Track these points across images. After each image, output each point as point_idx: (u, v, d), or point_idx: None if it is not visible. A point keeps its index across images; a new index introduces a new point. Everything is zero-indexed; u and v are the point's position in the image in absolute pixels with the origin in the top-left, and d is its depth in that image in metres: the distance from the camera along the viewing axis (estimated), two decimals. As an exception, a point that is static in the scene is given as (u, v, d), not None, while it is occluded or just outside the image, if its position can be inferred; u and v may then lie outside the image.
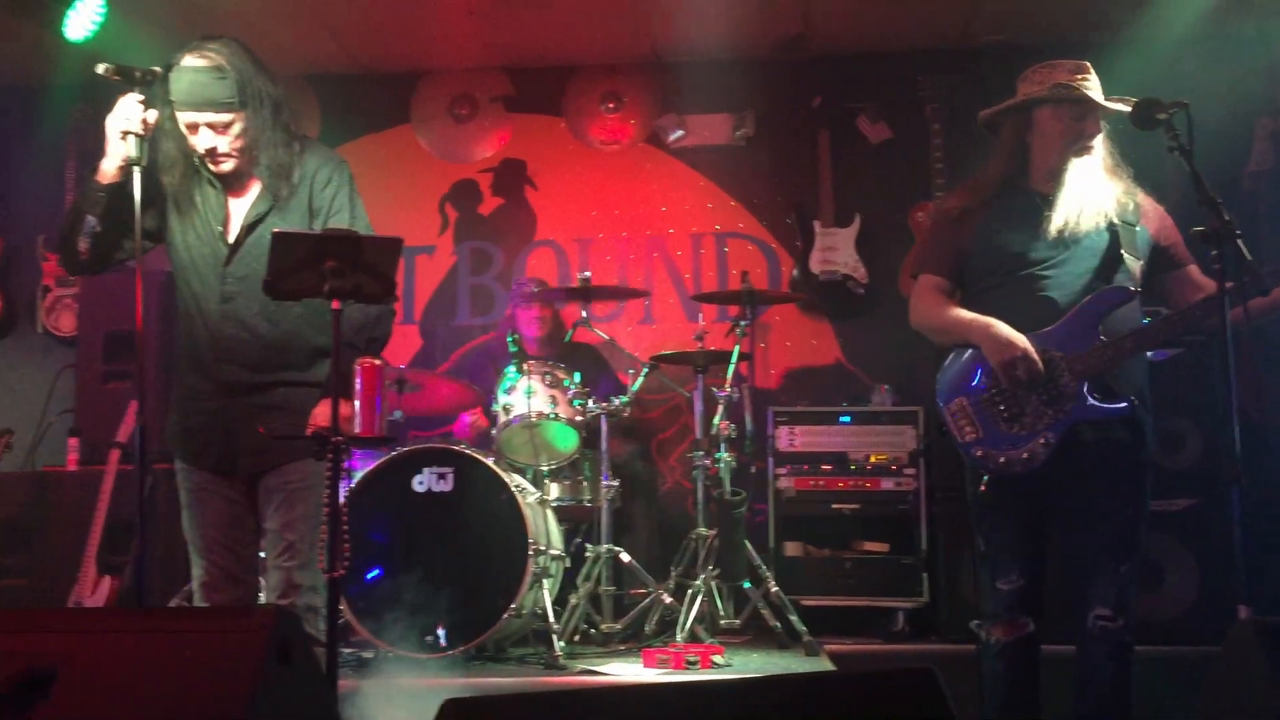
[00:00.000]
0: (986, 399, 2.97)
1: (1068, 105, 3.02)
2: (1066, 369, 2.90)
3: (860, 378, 5.77)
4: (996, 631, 3.01)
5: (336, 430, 2.62)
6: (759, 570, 4.57)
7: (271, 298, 2.70)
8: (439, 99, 6.22)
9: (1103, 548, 2.94)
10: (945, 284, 3.14)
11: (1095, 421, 2.91)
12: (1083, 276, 2.99)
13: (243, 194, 2.96)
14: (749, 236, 6.07)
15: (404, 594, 4.03)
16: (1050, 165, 3.04)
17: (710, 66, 5.97)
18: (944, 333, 3.10)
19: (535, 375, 4.56)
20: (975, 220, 3.09)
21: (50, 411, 5.59)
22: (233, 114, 2.80)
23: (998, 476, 2.96)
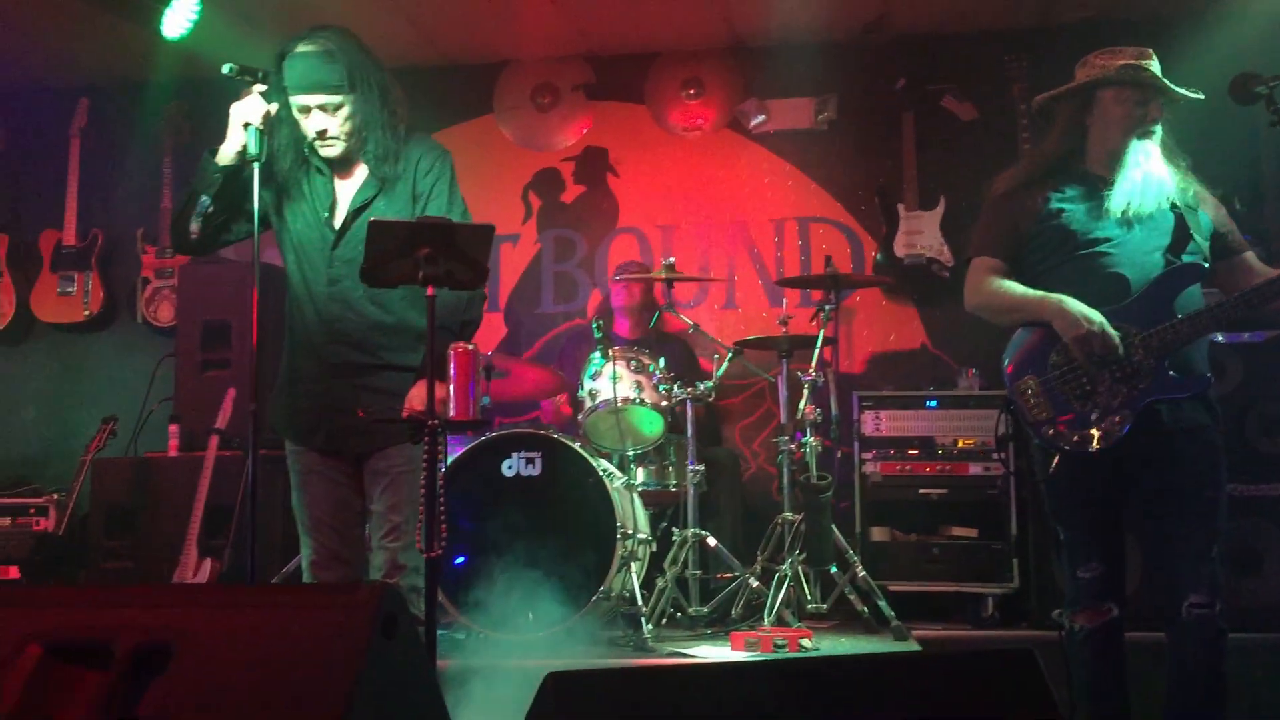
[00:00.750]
0: (1058, 377, 2.91)
1: (1131, 89, 2.97)
2: (1141, 345, 2.84)
3: (946, 362, 5.71)
4: (1080, 619, 2.96)
5: (432, 413, 2.68)
6: (845, 555, 4.56)
7: (369, 285, 2.77)
8: (521, 88, 6.28)
9: (1189, 532, 2.86)
10: (1002, 266, 3.08)
11: (1170, 400, 2.85)
12: (1154, 252, 2.93)
13: (349, 180, 3.04)
14: (832, 221, 6.04)
15: (495, 577, 4.10)
16: (1110, 148, 3.00)
17: (791, 50, 5.94)
18: (1011, 311, 3.04)
19: (621, 361, 4.59)
20: (1032, 200, 3.04)
21: (151, 399, 5.76)
22: (342, 97, 2.89)
23: (1070, 457, 2.91)
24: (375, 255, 2.72)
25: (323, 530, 3.00)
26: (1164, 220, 2.95)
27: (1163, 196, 2.96)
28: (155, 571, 4.90)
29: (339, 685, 1.80)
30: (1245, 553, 4.33)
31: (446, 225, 2.76)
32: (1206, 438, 2.90)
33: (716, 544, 4.59)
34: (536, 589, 4.10)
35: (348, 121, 2.93)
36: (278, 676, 1.89)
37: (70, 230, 6.18)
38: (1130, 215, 2.94)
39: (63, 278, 6.17)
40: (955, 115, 5.90)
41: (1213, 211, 3.05)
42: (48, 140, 6.35)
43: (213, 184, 2.91)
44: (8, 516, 5.31)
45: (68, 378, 6.33)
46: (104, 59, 6.06)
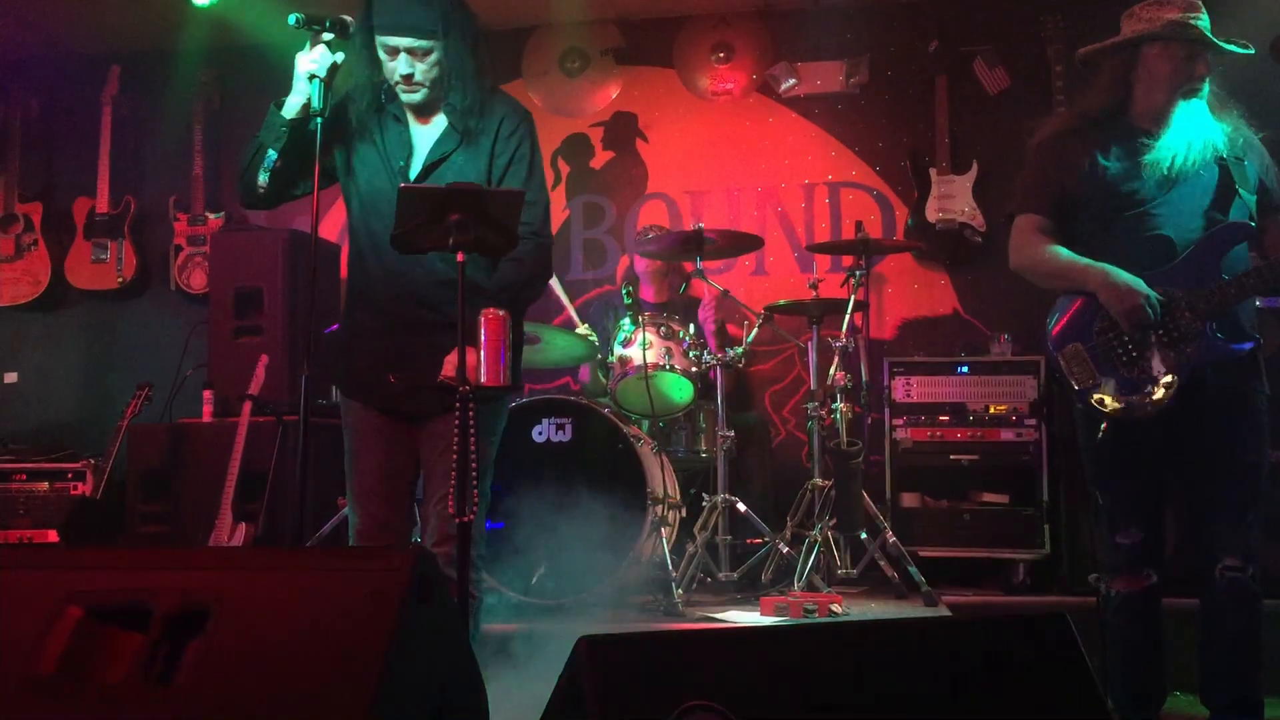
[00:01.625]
0: (1104, 343, 2.88)
1: (1179, 44, 2.90)
2: (1188, 308, 2.80)
3: (978, 327, 5.67)
4: (1117, 584, 2.95)
5: (464, 379, 2.68)
6: (876, 521, 4.56)
7: (400, 251, 2.75)
8: (550, 53, 6.25)
9: (1229, 496, 2.85)
10: (1047, 223, 3.03)
11: (1218, 363, 2.81)
12: (1197, 213, 2.89)
13: (428, 128, 2.96)
14: (863, 185, 5.99)
15: (525, 542, 4.12)
16: (1156, 105, 2.94)
17: (822, 13, 5.89)
18: (1055, 277, 3.01)
19: (650, 327, 4.58)
20: (1076, 155, 2.98)
21: (185, 366, 5.81)
22: (432, 41, 2.81)
23: (1118, 423, 2.88)
24: (406, 222, 2.71)
25: (373, 500, 2.96)
26: (1209, 176, 2.90)
27: (1208, 150, 2.90)
28: (190, 535, 4.96)
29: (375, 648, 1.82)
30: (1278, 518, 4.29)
31: (477, 191, 2.73)
32: (1253, 402, 2.87)
33: (746, 509, 4.59)
34: (567, 554, 4.12)
35: (434, 68, 2.84)
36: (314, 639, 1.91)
37: (103, 198, 6.23)
38: (1175, 174, 2.88)
39: (96, 245, 6.23)
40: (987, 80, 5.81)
41: (1259, 162, 2.98)
42: (80, 108, 6.39)
43: (279, 137, 2.85)
44: (45, 481, 5.38)
45: (102, 344, 6.41)
46: (135, 27, 6.08)
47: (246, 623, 1.96)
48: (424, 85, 2.86)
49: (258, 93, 2.89)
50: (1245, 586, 2.81)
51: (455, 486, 2.65)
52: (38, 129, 6.51)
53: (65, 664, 1.80)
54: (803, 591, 4.18)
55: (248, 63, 5.96)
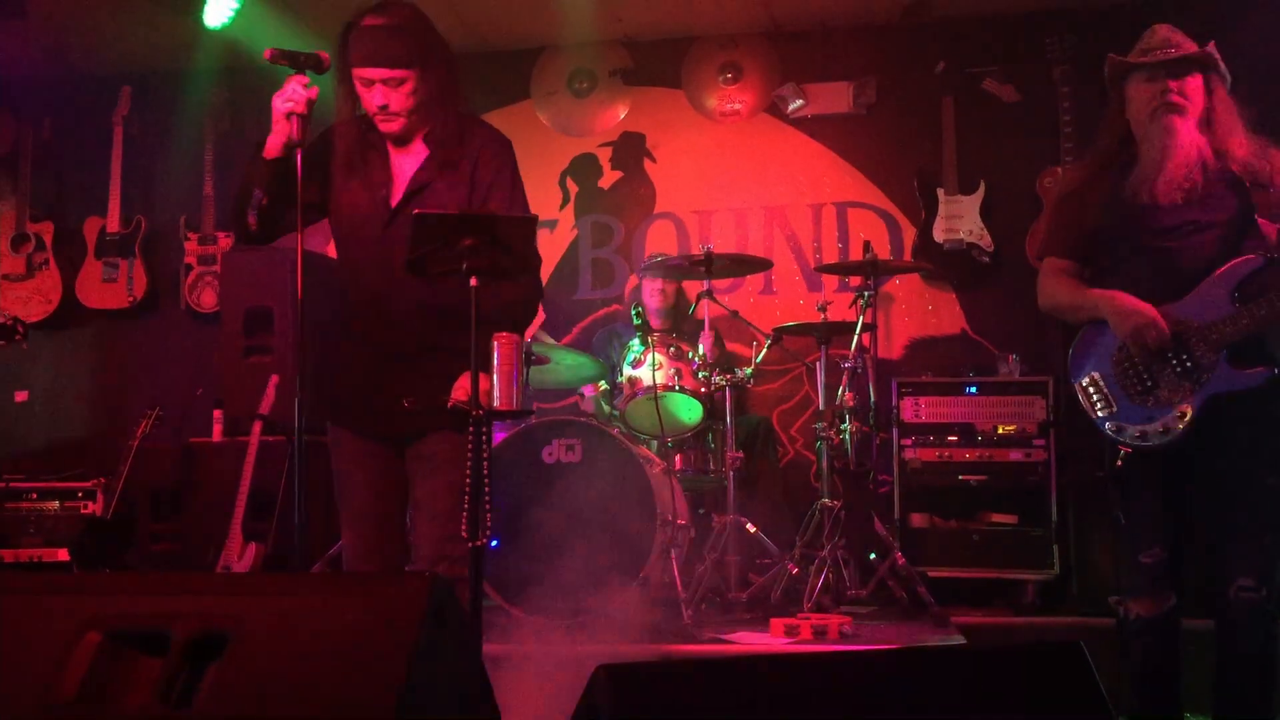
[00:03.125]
0: (1120, 373, 2.91)
1: (1139, 72, 2.97)
2: (1201, 339, 2.83)
3: (986, 347, 5.68)
4: (1137, 607, 2.95)
5: (477, 403, 2.70)
6: (885, 541, 4.56)
7: (415, 275, 2.76)
8: (558, 73, 6.29)
9: (1246, 519, 2.86)
10: (1072, 265, 3.10)
11: (1234, 392, 2.83)
12: (1212, 245, 2.90)
13: (408, 158, 2.98)
14: (870, 206, 6.01)
15: (535, 563, 4.13)
16: (1140, 133, 2.99)
17: (829, 34, 5.92)
18: (1073, 311, 3.08)
19: (659, 348, 4.60)
20: (1097, 196, 3.05)
21: (195, 385, 5.83)
22: (407, 71, 2.83)
23: (1135, 451, 2.90)
24: (419, 247, 2.73)
25: (364, 522, 2.98)
26: (1226, 205, 2.92)
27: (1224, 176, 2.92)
28: (201, 555, 4.97)
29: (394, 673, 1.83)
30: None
31: (490, 217, 2.76)
32: (1272, 425, 2.88)
33: (756, 530, 4.59)
34: (576, 575, 4.13)
35: (410, 98, 2.86)
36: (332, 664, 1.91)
37: (114, 217, 6.27)
38: (1191, 202, 2.91)
39: (107, 264, 6.26)
40: (996, 98, 5.84)
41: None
42: (91, 128, 6.42)
43: (263, 178, 2.88)
44: (56, 500, 5.40)
45: (113, 364, 6.43)
46: (147, 48, 6.12)
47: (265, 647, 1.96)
48: (401, 115, 2.88)
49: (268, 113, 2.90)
50: (1260, 607, 2.82)
51: (468, 510, 2.67)
52: (49, 149, 6.55)
53: (85, 689, 1.81)
54: (812, 612, 4.18)
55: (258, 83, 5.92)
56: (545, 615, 4.13)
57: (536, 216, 2.84)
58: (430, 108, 2.90)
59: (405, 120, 2.90)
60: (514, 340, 2.77)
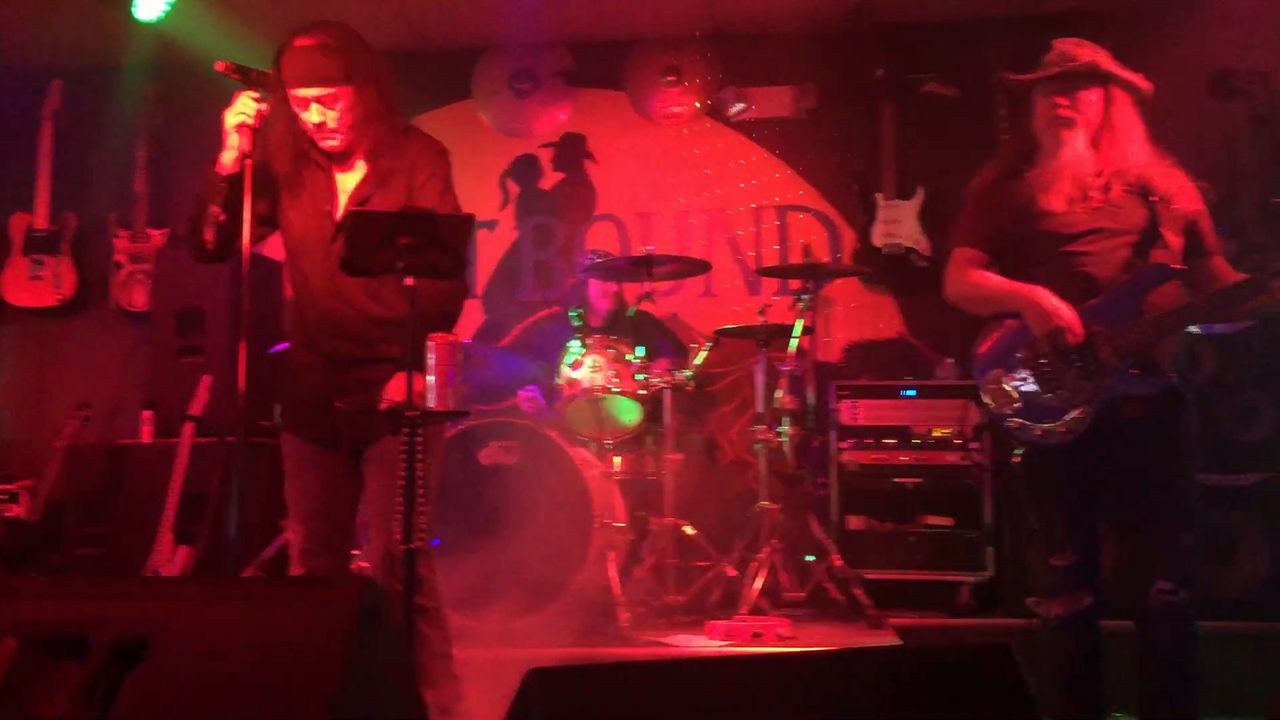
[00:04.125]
0: (1026, 371, 2.94)
1: (1043, 85, 3.02)
2: (1107, 343, 2.87)
3: (923, 351, 5.73)
4: (1055, 607, 2.98)
5: (411, 404, 2.67)
6: (822, 543, 4.58)
7: (350, 275, 2.76)
8: (500, 74, 6.25)
9: (1159, 521, 2.90)
10: (983, 258, 3.10)
11: (1134, 396, 2.88)
12: (1121, 252, 2.95)
13: (349, 174, 3.02)
14: (811, 210, 6.04)
15: (471, 566, 4.09)
16: (1051, 143, 3.03)
17: (772, 38, 5.95)
18: (987, 302, 3.07)
19: (599, 349, 4.58)
20: (1009, 197, 3.07)
21: (125, 386, 5.71)
22: (339, 89, 2.87)
23: (1034, 449, 2.94)
24: (356, 245, 2.72)
25: (316, 518, 2.99)
26: (1136, 216, 2.97)
27: (1136, 188, 2.98)
28: (129, 559, 4.87)
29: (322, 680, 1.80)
30: (1219, 542, 4.38)
31: (428, 215, 2.75)
32: (1174, 428, 2.93)
33: (694, 533, 4.60)
34: (513, 578, 4.10)
35: (345, 115, 2.91)
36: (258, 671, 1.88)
37: (42, 213, 6.12)
38: (1102, 210, 2.96)
39: (34, 261, 6.11)
40: (935, 105, 5.90)
41: (1188, 205, 3.06)
42: (20, 123, 6.26)
43: (219, 193, 2.90)
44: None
45: (40, 363, 6.27)
46: (78, 42, 5.98)
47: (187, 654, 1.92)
48: (338, 132, 2.92)
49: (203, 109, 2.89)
50: (1179, 609, 2.86)
51: (401, 513, 2.65)
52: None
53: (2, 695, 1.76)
54: (750, 615, 4.18)
55: (193, 79, 5.85)
56: (480, 618, 4.09)
57: (473, 216, 2.83)
58: (368, 123, 2.94)
59: (345, 137, 2.94)
60: (449, 342, 2.76)
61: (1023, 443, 2.96)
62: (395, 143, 2.98)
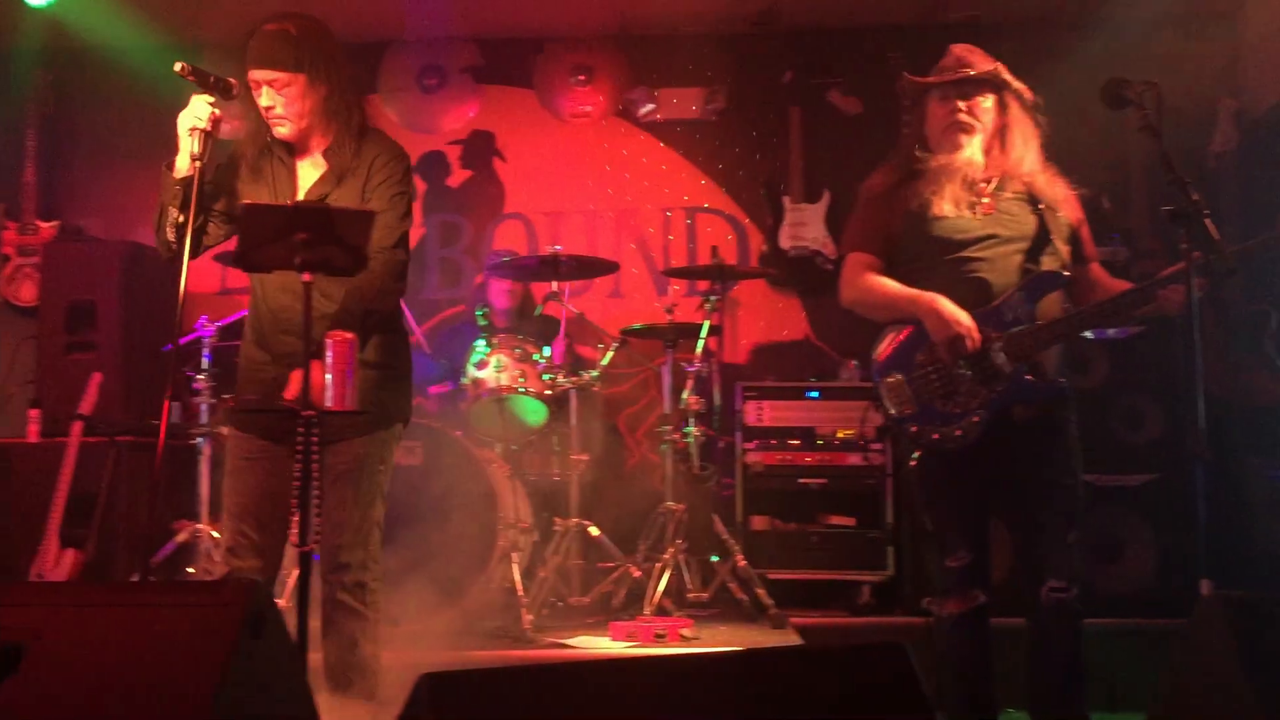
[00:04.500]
0: (922, 376, 2.98)
1: (938, 89, 3.08)
2: (1002, 349, 2.93)
3: (828, 353, 5.80)
4: (949, 606, 3.03)
5: (306, 403, 2.62)
6: (726, 544, 4.60)
7: (244, 270, 2.71)
8: (407, 69, 6.17)
9: (1050, 519, 2.96)
10: (877, 262, 3.13)
11: (1028, 401, 2.94)
12: (1014, 258, 3.01)
13: (310, 171, 3.03)
14: (719, 211, 6.08)
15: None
16: (945, 148, 3.08)
17: (681, 40, 5.96)
18: (885, 308, 3.09)
19: (504, 349, 4.55)
20: (901, 202, 3.11)
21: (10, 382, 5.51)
22: (290, 76, 2.89)
23: (930, 452, 2.99)
24: (250, 239, 2.66)
25: (246, 519, 2.94)
26: (1027, 224, 3.04)
27: (1021, 196, 3.05)
28: (13, 562, 4.69)
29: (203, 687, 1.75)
30: (1106, 541, 4.50)
31: (324, 210, 2.70)
32: (1063, 430, 3.01)
33: (599, 533, 4.58)
34: (415, 580, 4.04)
35: (295, 102, 2.91)
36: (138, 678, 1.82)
37: (-78, 203, 5.86)
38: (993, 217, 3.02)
39: (-87, 252, 5.86)
40: (841, 109, 5.97)
41: (1075, 214, 3.14)
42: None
43: (176, 196, 2.88)
44: None
45: (-81, 359, 6.01)
46: (-38, 24, 5.76)
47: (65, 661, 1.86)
48: (287, 119, 2.93)
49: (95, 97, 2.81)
50: (1070, 607, 2.93)
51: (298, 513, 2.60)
52: None
53: None
54: (654, 616, 4.19)
55: (85, 66, 5.71)
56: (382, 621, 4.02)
57: (374, 213, 2.77)
58: (319, 116, 2.96)
59: (294, 125, 2.95)
60: (349, 339, 2.70)
61: (920, 447, 3.00)
62: (355, 141, 2.99)
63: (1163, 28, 5.42)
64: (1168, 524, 4.45)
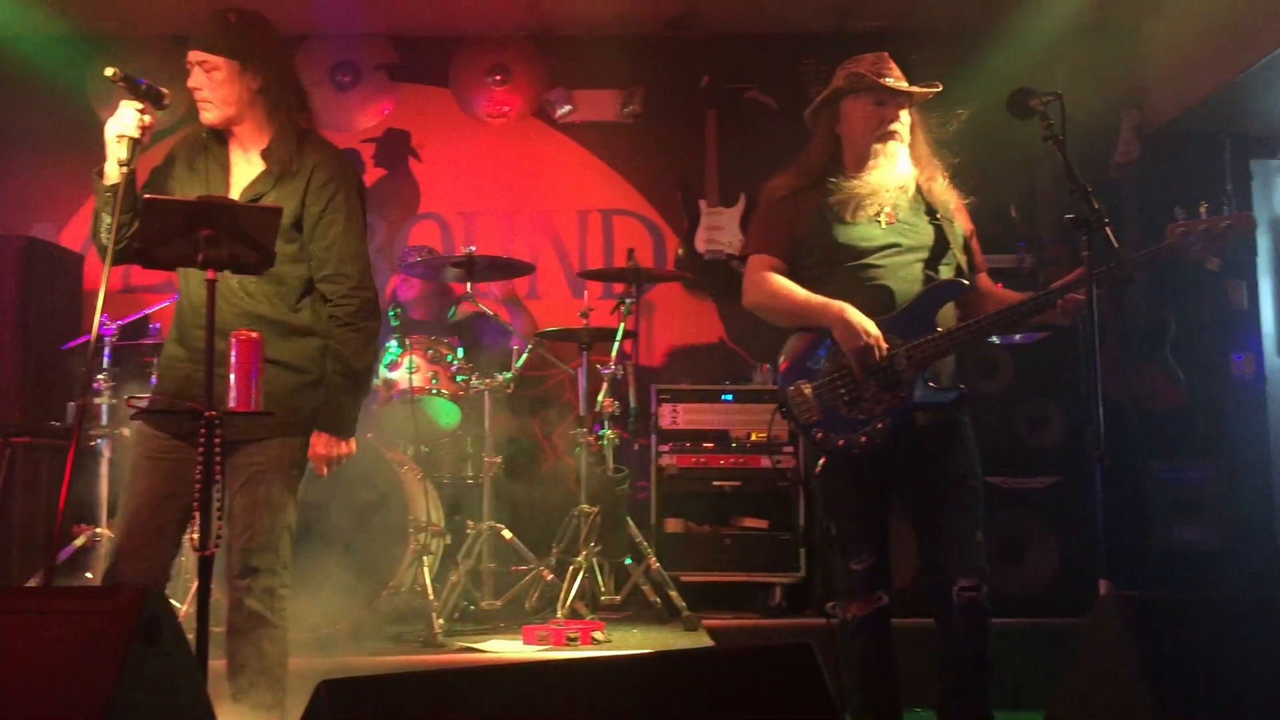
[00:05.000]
0: (828, 383, 3.01)
1: (866, 93, 3.10)
2: (905, 357, 2.97)
3: (742, 357, 5.84)
4: (853, 609, 3.06)
5: (209, 404, 2.56)
6: (640, 546, 4.60)
7: (143, 266, 2.65)
8: (320, 65, 6.07)
9: (956, 519, 3.00)
10: (782, 265, 3.14)
11: (929, 407, 2.99)
12: (915, 267, 3.06)
13: (246, 170, 3.00)
14: (635, 214, 6.08)
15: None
16: (858, 153, 3.12)
17: (599, 42, 5.95)
18: (790, 315, 3.10)
19: (417, 350, 4.50)
20: (806, 205, 3.13)
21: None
22: (220, 60, 2.89)
23: (836, 458, 3.02)
24: (151, 234, 2.59)
25: (135, 525, 2.87)
26: (926, 233, 3.10)
27: (921, 204, 3.10)
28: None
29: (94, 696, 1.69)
30: (1010, 542, 4.60)
31: (229, 206, 2.65)
32: (962, 432, 3.06)
33: (512, 536, 4.55)
34: (323, 584, 3.97)
35: (221, 87, 2.91)
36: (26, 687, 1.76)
37: None
38: (894, 225, 3.06)
39: None
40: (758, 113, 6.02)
41: (964, 223, 3.21)
42: None
43: (107, 203, 2.83)
44: None
45: None
46: None
47: (-52, 671, 1.79)
48: (212, 103, 2.92)
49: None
50: (980, 605, 2.97)
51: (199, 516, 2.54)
52: None
53: None
54: (566, 619, 4.17)
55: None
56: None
57: (280, 209, 2.73)
58: (258, 114, 2.96)
59: (218, 111, 2.94)
60: (254, 338, 2.65)
61: (824, 453, 3.02)
62: (295, 144, 2.98)
63: (1068, 40, 5.56)
64: (1069, 525, 4.56)
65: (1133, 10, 5.64)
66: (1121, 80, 5.74)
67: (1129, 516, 4.68)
